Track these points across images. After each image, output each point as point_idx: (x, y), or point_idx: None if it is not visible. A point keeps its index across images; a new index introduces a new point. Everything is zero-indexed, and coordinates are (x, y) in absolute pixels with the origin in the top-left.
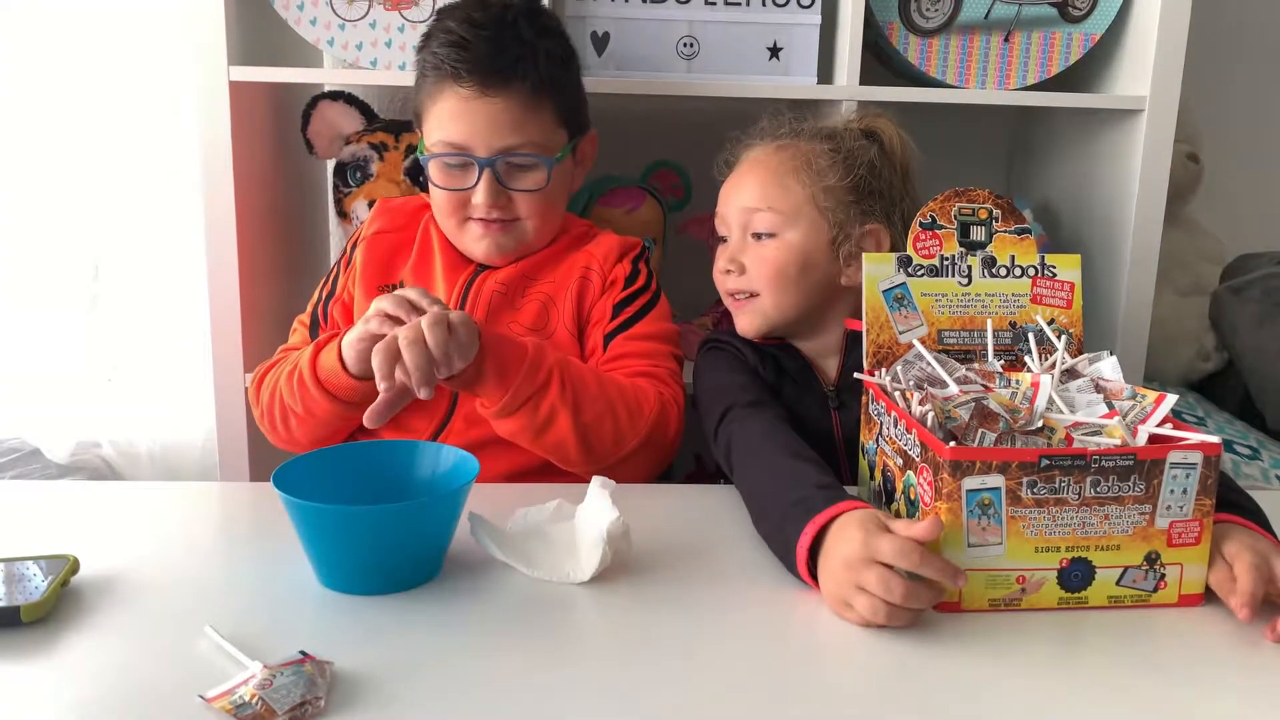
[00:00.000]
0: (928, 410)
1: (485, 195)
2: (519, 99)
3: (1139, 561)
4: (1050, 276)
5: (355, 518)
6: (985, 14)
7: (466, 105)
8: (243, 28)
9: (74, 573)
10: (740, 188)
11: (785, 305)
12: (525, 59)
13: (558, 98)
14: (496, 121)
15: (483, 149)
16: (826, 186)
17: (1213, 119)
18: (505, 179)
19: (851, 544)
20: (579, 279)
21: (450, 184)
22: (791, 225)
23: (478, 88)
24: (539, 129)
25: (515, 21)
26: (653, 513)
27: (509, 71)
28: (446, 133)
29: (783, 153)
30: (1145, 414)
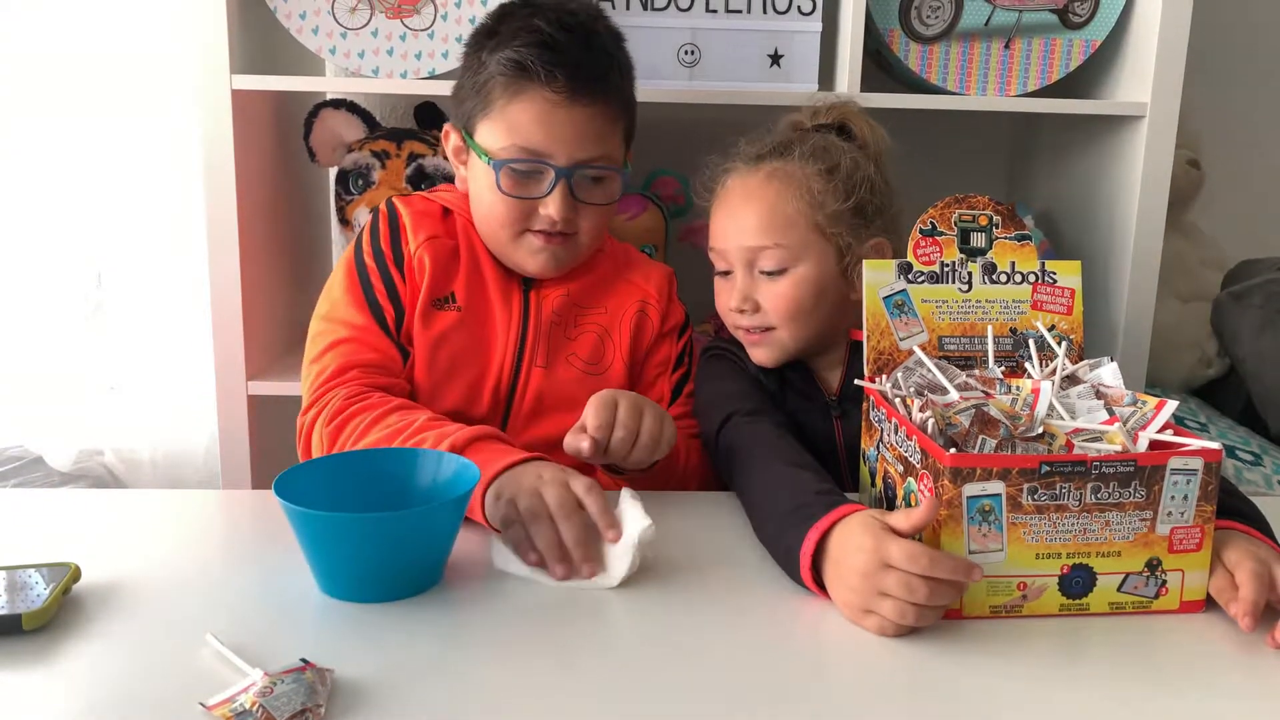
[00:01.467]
0: (928, 417)
1: (559, 208)
2: (605, 111)
3: (1140, 568)
4: (1051, 283)
5: (356, 525)
6: (986, 21)
7: (553, 111)
8: (245, 36)
9: (75, 580)
10: (738, 223)
11: (803, 336)
12: (614, 71)
13: (629, 110)
14: (582, 131)
15: (563, 158)
16: (829, 213)
17: (1214, 125)
18: (578, 190)
19: (863, 553)
20: (636, 314)
21: (518, 192)
22: (800, 259)
23: (568, 93)
24: (614, 143)
25: (601, 33)
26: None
27: (601, 81)
28: (523, 137)
29: (776, 181)
30: (1146, 420)
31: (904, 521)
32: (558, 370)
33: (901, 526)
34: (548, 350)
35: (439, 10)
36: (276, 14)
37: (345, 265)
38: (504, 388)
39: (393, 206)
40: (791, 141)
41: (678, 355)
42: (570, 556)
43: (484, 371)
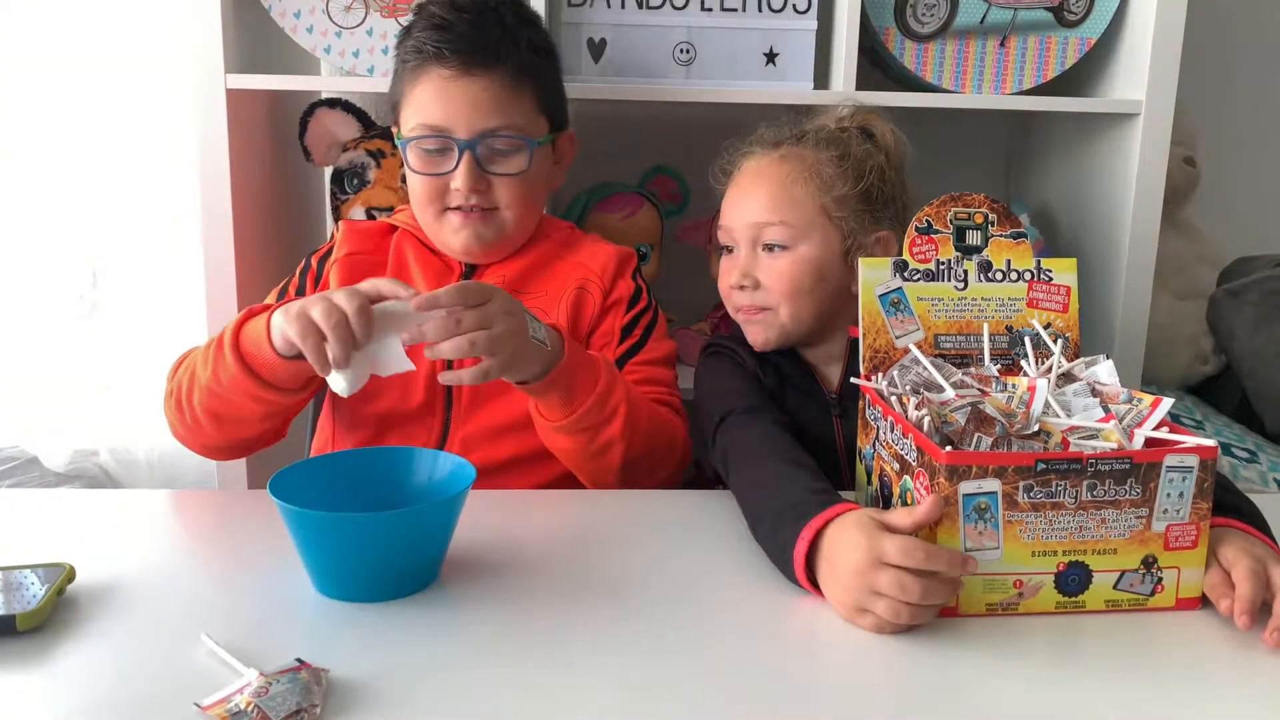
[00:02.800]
0: (924, 415)
1: (465, 179)
2: (501, 80)
3: (1136, 565)
4: (1046, 280)
5: (351, 525)
6: (981, 19)
7: (447, 85)
8: (240, 36)
9: (70, 581)
10: (747, 200)
11: (801, 318)
12: (506, 41)
13: (539, 85)
14: (478, 101)
15: (463, 130)
16: (837, 196)
17: (1209, 122)
18: (486, 163)
19: (857, 550)
20: (574, 290)
21: (428, 169)
22: (804, 238)
23: (460, 67)
24: (521, 112)
25: (497, 9)
26: (650, 517)
27: (491, 52)
28: (425, 115)
29: (787, 163)
30: (1142, 417)
31: (906, 519)
32: None
33: (903, 524)
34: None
35: None
36: (271, 13)
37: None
38: (439, 385)
39: (339, 229)
40: (809, 130)
41: (623, 327)
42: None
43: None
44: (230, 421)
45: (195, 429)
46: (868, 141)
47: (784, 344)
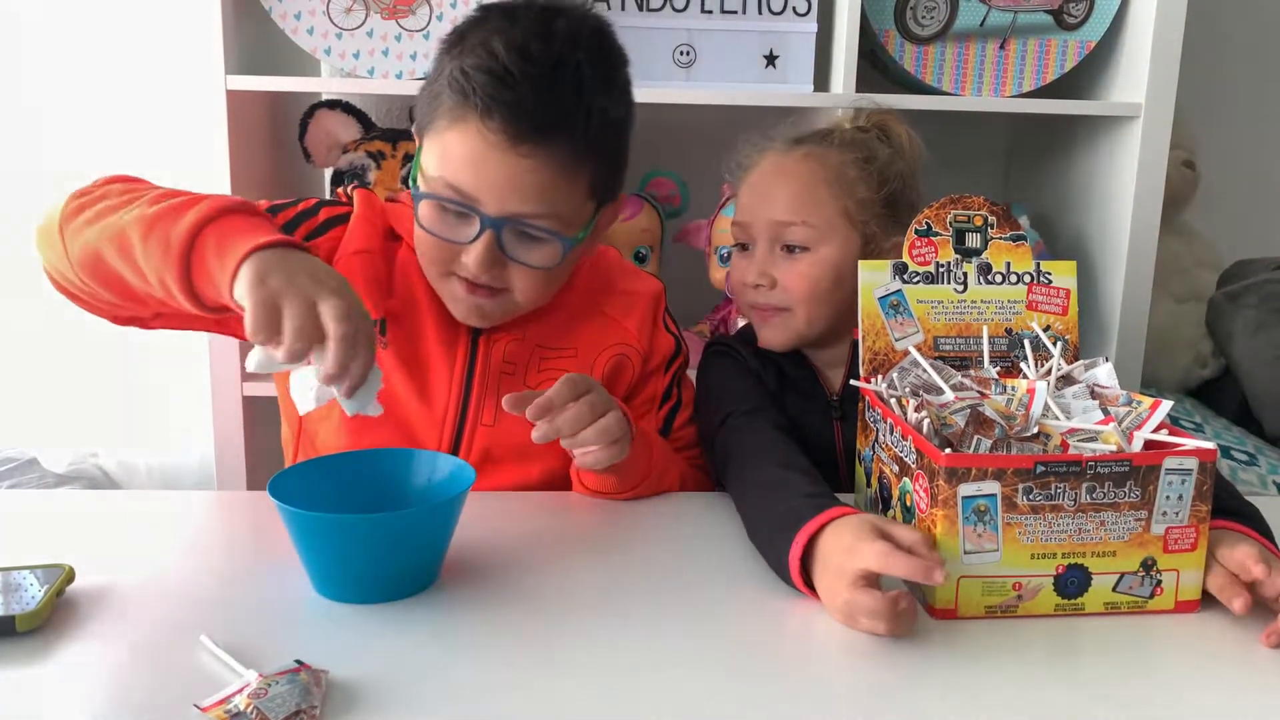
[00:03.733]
0: (923, 417)
1: (478, 262)
2: (555, 162)
3: (1135, 568)
4: (1046, 283)
5: (351, 526)
6: (981, 21)
7: (487, 152)
8: (240, 37)
9: (69, 582)
10: (769, 198)
11: (817, 320)
12: (577, 114)
13: (600, 165)
14: (518, 182)
15: (493, 206)
16: (860, 199)
17: (1208, 125)
18: (508, 246)
19: (845, 554)
20: (613, 359)
21: (441, 231)
22: (825, 240)
23: (508, 137)
24: (567, 201)
25: (579, 67)
26: (649, 520)
27: (552, 127)
28: (451, 173)
29: (811, 162)
30: (1141, 420)
31: (907, 539)
32: (507, 420)
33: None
34: (495, 405)
35: (434, 11)
36: (271, 14)
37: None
38: (445, 446)
39: (351, 199)
40: (831, 131)
41: (665, 388)
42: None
43: (419, 424)
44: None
45: (69, 266)
46: (887, 144)
47: (797, 346)
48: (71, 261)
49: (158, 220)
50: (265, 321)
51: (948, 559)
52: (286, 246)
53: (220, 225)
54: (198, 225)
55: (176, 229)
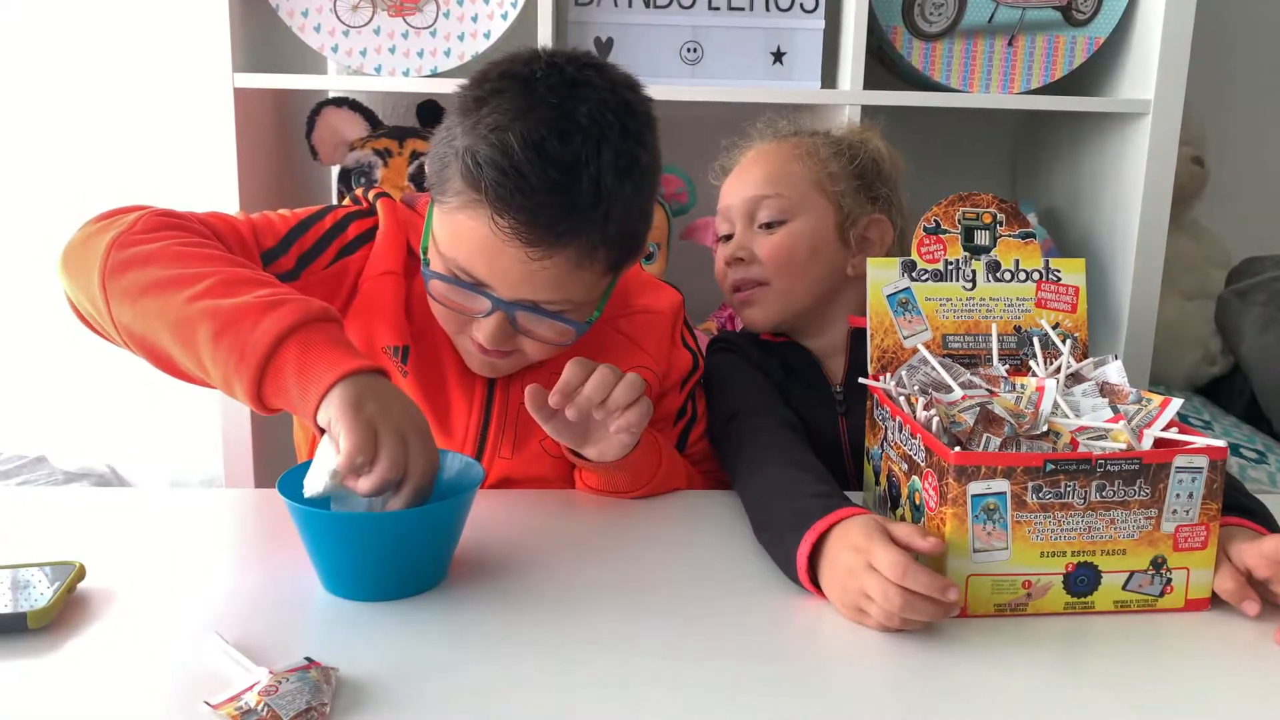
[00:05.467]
0: (932, 415)
1: (491, 338)
2: (569, 258)
3: (1145, 566)
4: (1055, 280)
5: (360, 524)
6: (989, 18)
7: (500, 246)
8: (247, 35)
9: (80, 579)
10: (744, 179)
11: (797, 291)
12: (593, 220)
13: (614, 251)
14: (532, 277)
15: (506, 292)
16: (831, 172)
17: (1217, 122)
18: (521, 323)
19: (854, 552)
20: None
21: (453, 304)
22: (800, 211)
23: (521, 240)
24: (582, 286)
25: (599, 166)
26: (658, 518)
27: (568, 234)
28: (463, 258)
29: (785, 144)
30: (1151, 418)
31: (905, 536)
32: (527, 451)
33: (900, 538)
34: (515, 438)
35: (441, 8)
36: (279, 12)
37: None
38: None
39: (374, 207)
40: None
41: (681, 405)
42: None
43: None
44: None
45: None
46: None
47: (782, 323)
48: (117, 325)
49: (232, 323)
50: (364, 449)
51: (957, 556)
52: (371, 372)
53: (302, 339)
54: (278, 338)
55: (254, 338)
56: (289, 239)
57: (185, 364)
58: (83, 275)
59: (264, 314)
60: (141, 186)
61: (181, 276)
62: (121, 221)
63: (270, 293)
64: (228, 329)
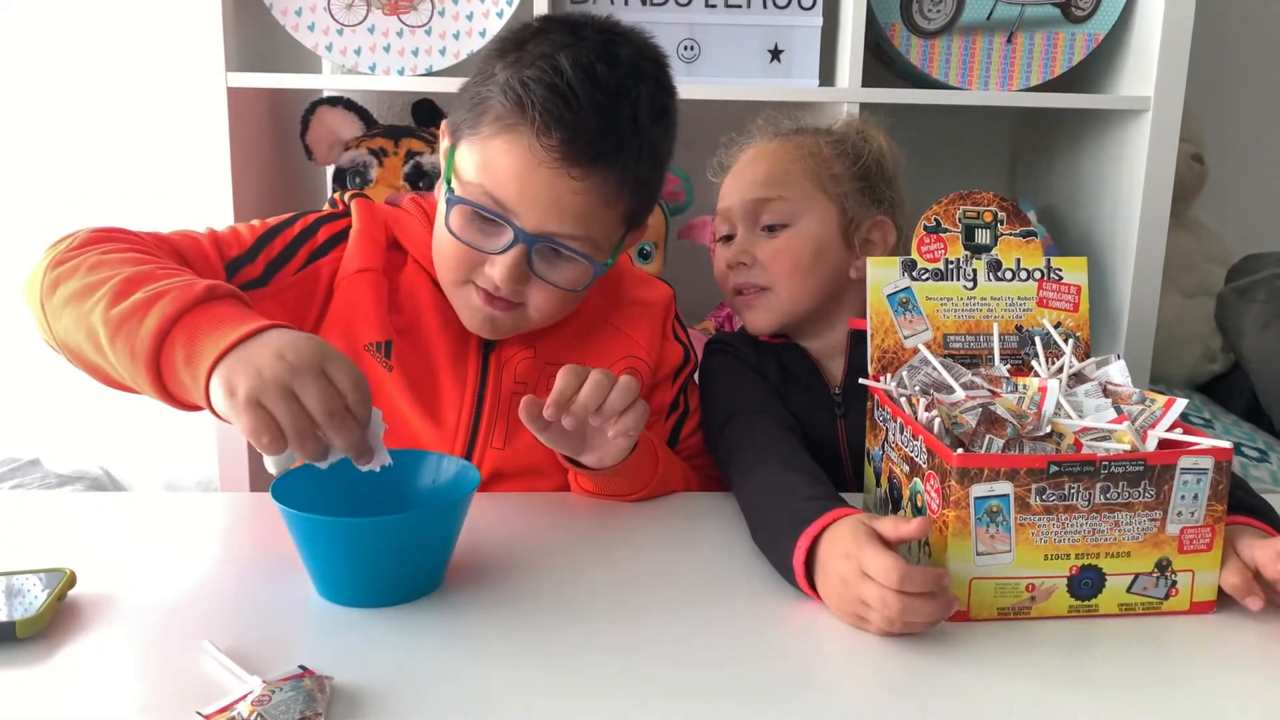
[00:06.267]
0: (934, 416)
1: (505, 275)
2: (600, 187)
3: (1150, 568)
4: (1056, 280)
5: (355, 530)
6: (988, 15)
7: (536, 168)
8: (240, 34)
9: (70, 586)
10: (745, 179)
11: (800, 296)
12: (629, 146)
13: (638, 195)
14: (563, 202)
15: (530, 222)
16: (835, 173)
17: (1216, 118)
18: (537, 264)
19: (845, 560)
20: (622, 371)
21: (471, 239)
22: (804, 213)
23: (562, 157)
24: (603, 226)
25: (638, 99)
26: (655, 521)
27: (608, 155)
28: (494, 184)
29: (786, 144)
30: (1155, 419)
31: (891, 531)
32: (519, 442)
33: (888, 535)
34: (507, 428)
35: (436, 7)
36: (272, 10)
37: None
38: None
39: (349, 208)
40: (805, 127)
41: (673, 398)
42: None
43: (429, 443)
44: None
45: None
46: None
47: (783, 327)
48: (57, 344)
49: (123, 323)
50: (261, 431)
51: (960, 559)
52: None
53: (187, 327)
54: (161, 333)
55: (140, 336)
56: (256, 247)
57: (112, 373)
58: (32, 302)
59: (148, 309)
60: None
61: (90, 285)
62: (61, 243)
63: (158, 285)
64: (119, 330)
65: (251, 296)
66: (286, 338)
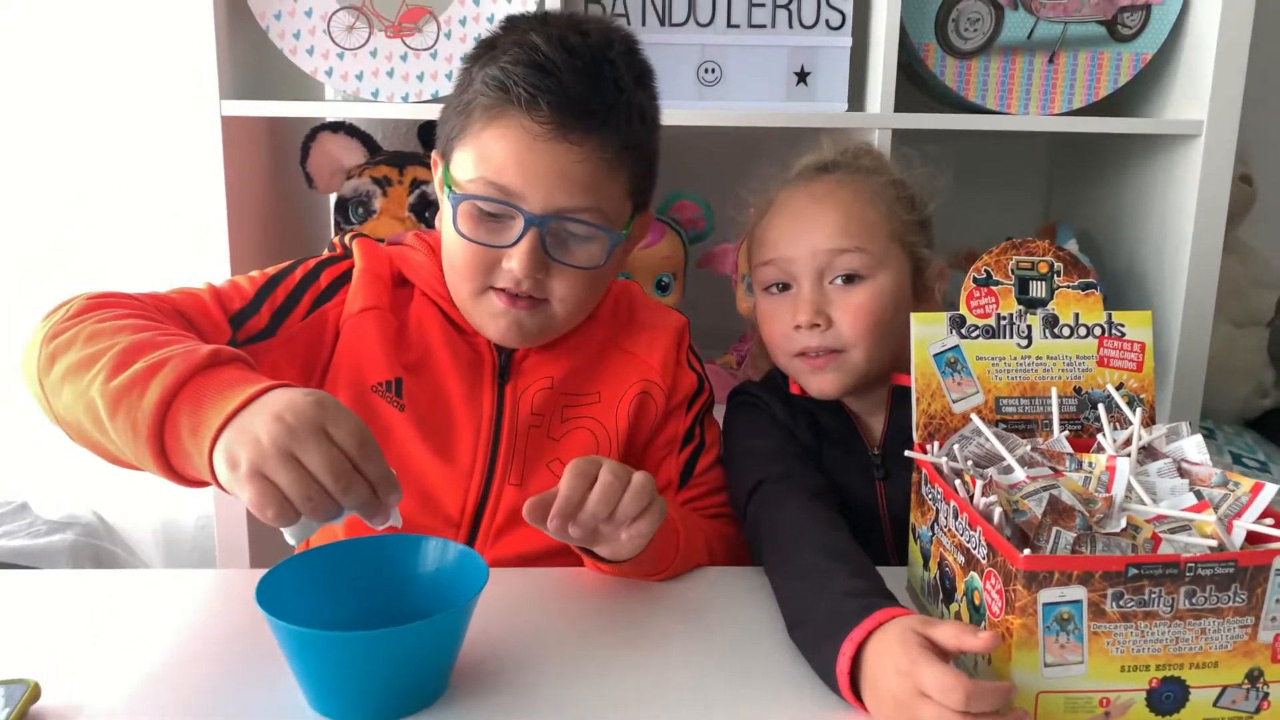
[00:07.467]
0: (993, 503)
1: (524, 263)
2: (601, 154)
3: (1239, 680)
4: (1119, 336)
5: (350, 643)
6: (1028, 34)
7: (533, 145)
8: (236, 59)
9: (34, 700)
10: (812, 226)
11: (876, 357)
12: (619, 106)
13: (638, 165)
14: (566, 174)
15: (538, 203)
16: (905, 221)
17: (1265, 137)
18: (552, 247)
19: (898, 676)
20: (636, 397)
21: (481, 236)
22: (881, 266)
23: (555, 127)
24: (610, 196)
25: (615, 62)
26: (682, 606)
27: (599, 117)
28: (494, 171)
29: (851, 186)
30: (1240, 506)
31: (952, 641)
32: (536, 482)
33: (948, 645)
34: (524, 464)
35: (441, 29)
36: (269, 34)
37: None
38: (469, 509)
39: (350, 249)
40: (847, 161)
41: (687, 429)
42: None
43: (440, 487)
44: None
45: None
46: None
47: (852, 389)
48: (58, 422)
49: (122, 396)
50: (266, 504)
51: (1026, 671)
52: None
53: (190, 394)
54: (164, 402)
55: (142, 408)
56: (259, 297)
57: (115, 452)
58: (30, 379)
59: (150, 378)
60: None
61: (88, 357)
62: (56, 313)
63: (159, 353)
64: (120, 403)
65: (260, 348)
66: (285, 398)
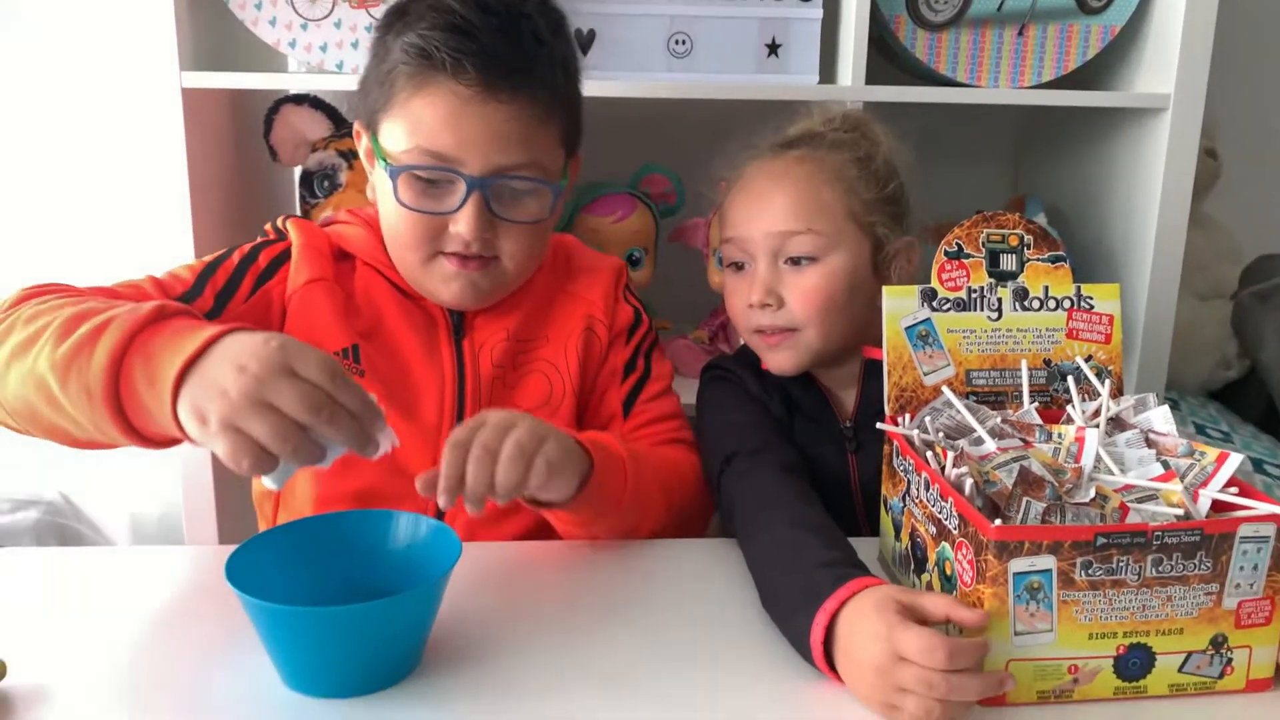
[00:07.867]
0: (964, 474)
1: (471, 225)
2: (531, 109)
3: (1204, 646)
4: (1087, 309)
5: (323, 619)
6: (998, 6)
7: (463, 108)
8: (196, 31)
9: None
10: (766, 207)
11: (832, 336)
12: (542, 60)
13: (565, 114)
14: (499, 133)
15: (476, 165)
16: (865, 200)
17: (1230, 112)
18: (496, 206)
19: (876, 642)
20: (582, 334)
21: (424, 205)
22: (835, 246)
23: (482, 87)
24: (545, 148)
25: (530, 15)
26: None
27: (523, 73)
28: (428, 139)
29: (808, 164)
30: (1206, 475)
31: (942, 608)
32: None
33: (938, 612)
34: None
35: None
36: (229, 4)
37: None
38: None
39: (284, 230)
40: (818, 134)
41: (628, 360)
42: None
43: (408, 447)
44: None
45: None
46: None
47: (810, 367)
48: (9, 414)
49: (70, 361)
50: (241, 455)
51: (996, 640)
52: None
53: (140, 347)
54: (115, 359)
55: (92, 374)
56: (200, 282)
57: (72, 430)
58: None
59: (96, 339)
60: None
61: (31, 336)
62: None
63: (102, 316)
64: (69, 369)
65: None
66: (243, 343)
